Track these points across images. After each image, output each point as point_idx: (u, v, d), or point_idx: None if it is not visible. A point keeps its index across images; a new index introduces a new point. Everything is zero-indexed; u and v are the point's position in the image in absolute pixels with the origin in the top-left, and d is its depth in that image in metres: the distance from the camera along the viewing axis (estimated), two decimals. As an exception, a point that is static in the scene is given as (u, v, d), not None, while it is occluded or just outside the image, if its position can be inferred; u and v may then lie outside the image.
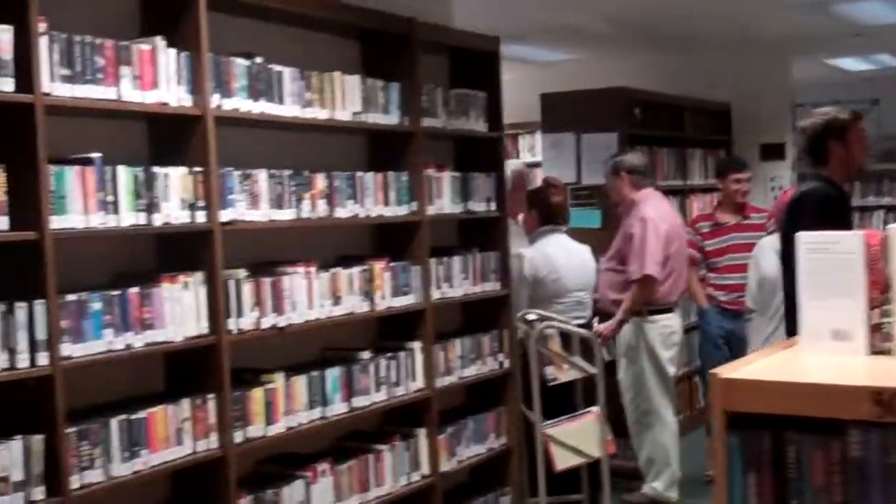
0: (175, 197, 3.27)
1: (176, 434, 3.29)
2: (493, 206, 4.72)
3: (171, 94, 3.26)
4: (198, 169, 3.35)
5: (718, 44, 7.90)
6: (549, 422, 4.70)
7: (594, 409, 4.85)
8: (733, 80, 8.15)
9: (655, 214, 5.60)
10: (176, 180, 3.28)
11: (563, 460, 4.74)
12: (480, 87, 4.65)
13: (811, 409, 2.09)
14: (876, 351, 2.34)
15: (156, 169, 3.23)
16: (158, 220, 3.22)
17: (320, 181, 3.80)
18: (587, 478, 5.14)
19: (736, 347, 6.32)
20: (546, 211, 5.35)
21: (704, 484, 6.15)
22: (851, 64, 9.32)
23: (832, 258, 2.44)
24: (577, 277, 5.41)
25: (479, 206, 4.63)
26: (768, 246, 5.63)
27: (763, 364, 2.32)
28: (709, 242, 6.35)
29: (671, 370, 5.80)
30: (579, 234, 5.73)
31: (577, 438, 4.73)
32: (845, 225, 4.26)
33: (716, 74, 8.12)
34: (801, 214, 4.24)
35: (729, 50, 8.02)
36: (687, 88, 7.62)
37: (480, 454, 4.65)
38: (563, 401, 4.87)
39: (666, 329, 5.72)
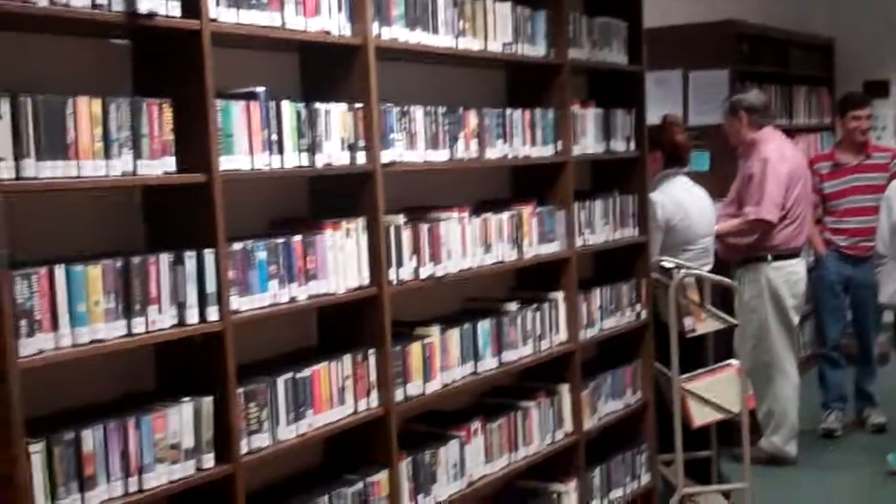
0: (335, 136, 2.99)
1: (339, 393, 3.04)
2: (632, 146, 4.40)
3: (333, 21, 2.96)
4: (358, 105, 3.05)
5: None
6: (685, 375, 4.44)
7: (734, 361, 4.60)
8: (836, 13, 7.75)
9: (777, 155, 5.30)
10: (336, 118, 2.99)
11: (702, 416, 4.50)
12: (620, 14, 4.31)
13: None
14: None
15: (318, 105, 2.94)
16: (320, 160, 2.94)
17: (472, 119, 3.49)
18: (716, 432, 4.90)
19: (855, 294, 6.04)
20: (671, 151, 5.02)
21: (819, 437, 5.91)
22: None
23: None
24: (704, 223, 5.10)
25: (619, 146, 4.31)
26: (900, 190, 5.32)
27: None
28: (828, 184, 6.04)
29: (795, 319, 5.51)
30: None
31: (715, 393, 4.48)
32: None
33: (817, 7, 7.71)
34: None
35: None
36: (788, 21, 7.23)
37: (618, 410, 4.39)
38: (692, 354, 4.60)
39: (792, 276, 5.44)
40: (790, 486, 5.22)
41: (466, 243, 3.47)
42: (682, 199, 4.96)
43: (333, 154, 2.98)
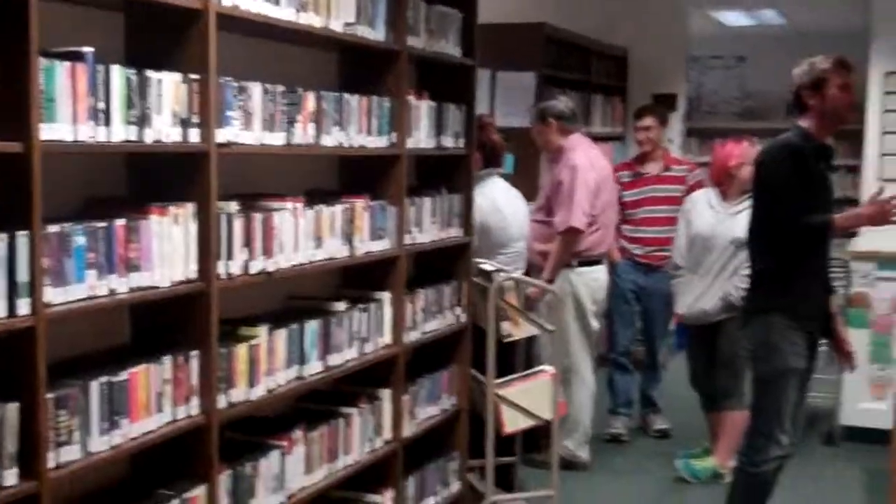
0: (167, 110, 2.64)
1: (157, 399, 2.69)
2: (461, 143, 4.24)
3: (171, -20, 2.61)
4: (194, 77, 2.71)
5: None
6: (499, 381, 4.34)
7: (548, 367, 4.53)
8: (632, 24, 7.94)
9: (585, 162, 5.30)
10: (169, 89, 2.64)
11: (514, 423, 4.41)
12: (453, 3, 4.13)
13: None
14: None
15: (149, 73, 2.58)
16: (149, 136, 2.59)
17: (311, 102, 3.21)
18: (520, 438, 4.85)
19: (646, 303, 6.16)
20: (487, 151, 4.91)
21: (606, 442, 5.99)
22: (732, 18, 9.29)
23: None
24: (519, 226, 5.04)
25: (449, 142, 4.14)
26: (702, 200, 5.45)
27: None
28: (627, 193, 6.13)
29: (595, 325, 5.55)
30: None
31: (528, 399, 4.40)
32: (820, 179, 4.08)
33: (615, 17, 7.87)
34: (764, 167, 4.06)
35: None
36: (589, 29, 7.32)
37: (435, 416, 4.21)
38: (505, 359, 4.51)
39: (594, 282, 5.46)
40: (586, 491, 5.23)
41: (299, 237, 3.19)
42: (498, 200, 4.87)
43: (164, 130, 2.63)
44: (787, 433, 4.05)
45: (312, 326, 3.32)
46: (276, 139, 3.06)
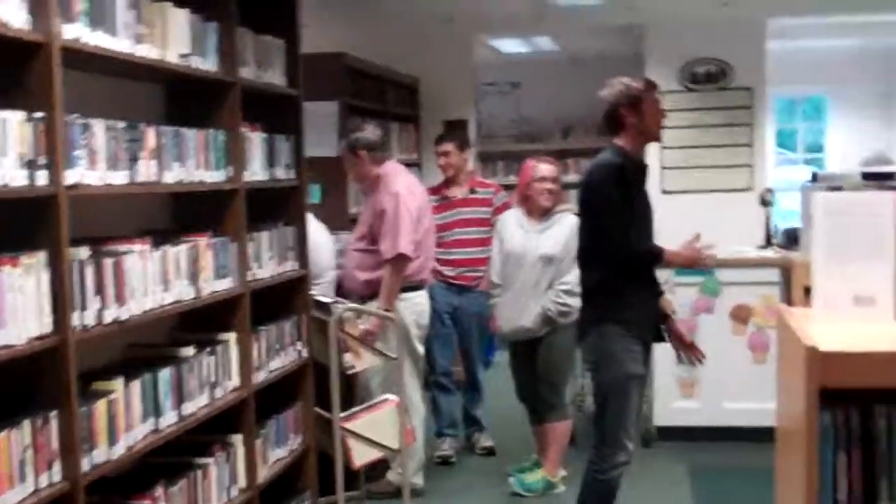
0: (12, 151, 2.42)
1: (20, 468, 2.45)
2: (292, 174, 4.13)
3: (11, 12, 2.40)
4: (38, 115, 2.51)
5: (409, 16, 7.76)
6: (343, 414, 4.26)
7: (392, 396, 4.49)
8: (420, 54, 8.05)
9: (406, 190, 5.31)
10: (13, 129, 2.43)
11: (362, 455, 4.33)
12: (276, 34, 4.03)
13: None
14: None
15: (-9, 112, 2.37)
16: (-5, 180, 2.37)
17: (152, 137, 3.04)
18: (364, 472, 4.77)
19: (462, 323, 6.23)
20: None
21: (436, 464, 5.99)
22: (509, 46, 9.59)
23: (858, 220, 2.32)
24: (330, 256, 5.00)
25: (282, 174, 4.03)
26: (511, 220, 5.58)
27: (844, 337, 2.13)
28: (437, 216, 6.16)
29: (421, 350, 5.55)
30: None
31: (375, 430, 4.34)
32: (640, 195, 4.26)
33: (405, 47, 7.96)
34: (590, 187, 4.19)
35: (416, 22, 7.90)
36: (382, 59, 7.36)
37: (284, 458, 4.07)
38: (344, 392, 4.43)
39: (418, 307, 5.46)
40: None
41: (148, 281, 3.00)
42: (311, 231, 4.80)
43: (9, 173, 2.41)
44: (632, 439, 4.17)
45: (165, 375, 3.13)
46: (120, 178, 2.88)
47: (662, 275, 6.25)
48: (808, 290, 3.71)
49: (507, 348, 5.76)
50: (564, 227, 5.24)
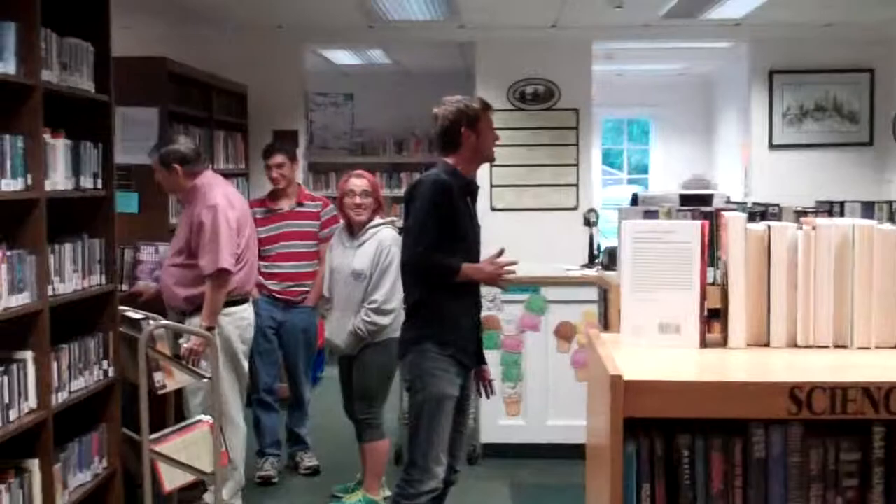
0: None
1: None
2: (100, 184, 3.92)
3: None
4: None
5: (239, 23, 7.59)
6: (154, 436, 4.08)
7: (206, 418, 4.32)
8: (249, 62, 7.89)
9: (224, 201, 5.14)
10: None
11: (173, 479, 4.16)
12: (84, 36, 3.82)
13: (723, 409, 1.95)
14: (707, 344, 2.29)
15: None
16: None
17: (-66, 141, 2.82)
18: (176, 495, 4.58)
19: (287, 338, 6.10)
20: None
21: (257, 485, 5.83)
22: (341, 57, 9.52)
23: (665, 248, 2.34)
24: None
25: (88, 183, 3.82)
26: (337, 235, 5.50)
27: (649, 365, 2.14)
28: (262, 229, 6.01)
29: (245, 365, 5.39)
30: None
31: (188, 453, 4.17)
32: (465, 214, 4.25)
33: (233, 55, 7.78)
34: (414, 201, 4.16)
35: (247, 31, 7.74)
36: (209, 66, 7.16)
37: (87, 483, 3.85)
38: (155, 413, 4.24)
39: (242, 321, 5.31)
40: (244, 541, 5.05)
41: (-71, 296, 2.78)
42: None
43: None
44: (443, 465, 4.10)
45: (-52, 398, 2.90)
46: None
47: (489, 292, 6.35)
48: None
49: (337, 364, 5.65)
50: (374, 242, 5.18)
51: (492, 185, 8.10)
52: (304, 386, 6.26)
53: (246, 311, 5.32)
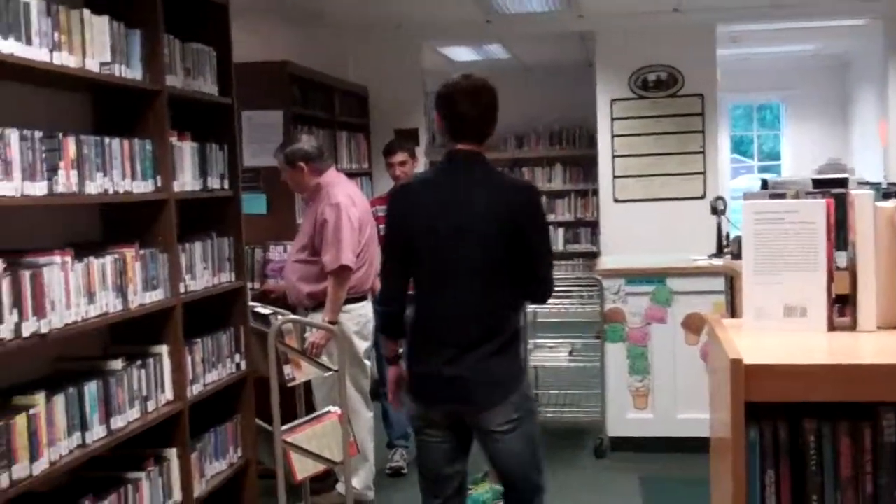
0: (-84, 160, 2.36)
1: (-72, 489, 2.38)
2: (227, 184, 4.07)
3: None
4: (-56, 124, 2.45)
5: (355, 24, 7.72)
6: (286, 427, 4.19)
7: (334, 408, 4.41)
8: (369, 63, 8.02)
9: (347, 200, 5.25)
10: (-83, 137, 2.37)
11: (304, 469, 4.25)
12: (206, 41, 3.97)
13: (852, 392, 1.89)
14: (835, 327, 2.21)
15: None
16: None
17: (72, 147, 2.98)
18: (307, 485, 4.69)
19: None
20: None
21: (387, 476, 5.93)
22: (461, 54, 9.57)
23: (788, 228, 2.27)
24: None
25: (216, 184, 3.96)
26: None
27: (773, 349, 2.09)
28: (383, 227, 6.10)
29: (367, 361, 5.49)
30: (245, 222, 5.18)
31: (318, 443, 4.26)
32: None
33: (353, 56, 7.92)
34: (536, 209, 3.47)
35: (366, 31, 7.86)
36: (329, 68, 7.32)
37: (223, 471, 4.00)
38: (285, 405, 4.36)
39: (362, 318, 5.40)
40: (374, 530, 5.14)
41: (70, 293, 2.93)
42: None
43: (-87, 184, 2.35)
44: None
45: (91, 389, 3.06)
46: (38, 189, 2.81)
47: (613, 284, 6.30)
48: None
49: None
50: None
51: (614, 176, 8.03)
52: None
53: (365, 308, 5.42)
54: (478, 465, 5.69)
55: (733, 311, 5.65)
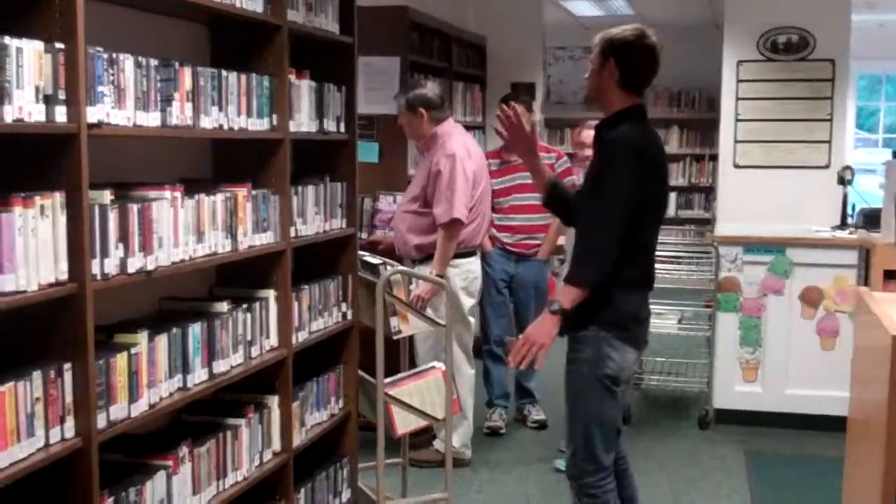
0: (29, 83, 2.26)
1: (28, 421, 2.31)
2: (343, 127, 3.93)
3: (33, -70, 2.23)
4: (59, 46, 2.33)
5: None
6: (388, 380, 4.07)
7: (439, 364, 4.29)
8: (490, 13, 7.80)
9: (464, 152, 5.09)
10: (31, 59, 2.26)
11: (406, 424, 4.14)
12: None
13: None
14: None
15: (6, 39, 2.20)
16: (9, 114, 2.21)
17: (188, 78, 2.86)
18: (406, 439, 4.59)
19: (519, 291, 6.02)
20: None
21: (485, 435, 5.81)
22: (583, 8, 9.28)
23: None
24: None
25: (331, 126, 3.83)
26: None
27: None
28: (495, 181, 5.94)
29: (471, 318, 5.35)
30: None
31: (420, 398, 4.15)
32: None
33: (474, 6, 7.72)
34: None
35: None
36: (448, 16, 7.12)
37: (324, 422, 3.91)
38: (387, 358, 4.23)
39: (469, 274, 5.27)
40: (472, 488, 5.04)
41: (179, 230, 2.83)
42: None
43: (26, 107, 2.25)
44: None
45: (195, 331, 2.97)
46: (151, 119, 2.70)
47: (731, 252, 6.04)
48: (889, 274, 3.43)
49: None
50: None
51: (736, 141, 7.67)
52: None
53: (473, 264, 5.28)
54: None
55: (867, 283, 5.36)
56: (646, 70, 3.39)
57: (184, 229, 2.86)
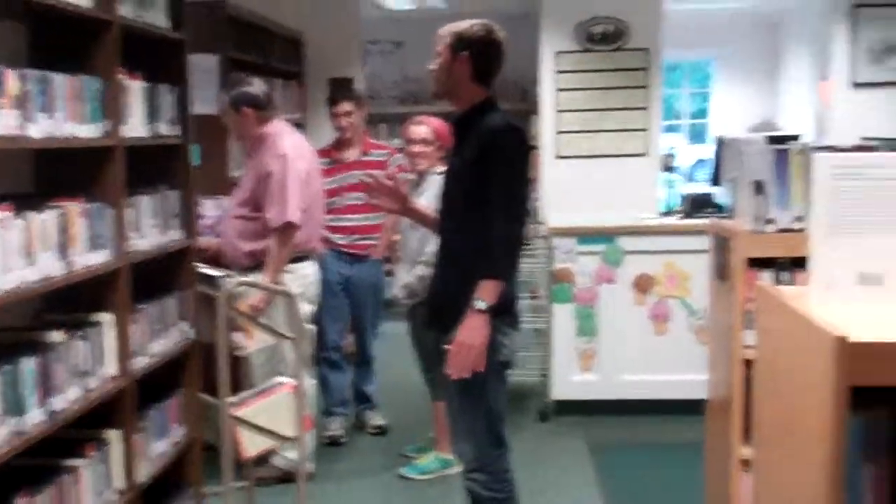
0: None
1: None
2: (177, 130, 3.63)
3: None
4: None
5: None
6: (232, 399, 3.81)
7: (287, 380, 4.05)
8: (304, 7, 7.56)
9: (295, 152, 4.86)
10: None
11: (254, 445, 3.89)
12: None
13: None
14: None
15: None
16: None
17: (13, 82, 2.52)
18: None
19: (355, 294, 5.83)
20: None
21: (325, 445, 5.61)
22: (395, 2, 9.13)
23: (866, 186, 1.99)
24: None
25: (165, 130, 3.52)
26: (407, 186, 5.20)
27: (865, 324, 1.82)
28: (327, 180, 5.71)
29: (310, 325, 5.12)
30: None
31: (268, 417, 3.90)
32: None
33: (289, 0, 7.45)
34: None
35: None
36: (264, 10, 6.81)
37: (166, 452, 3.60)
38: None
39: (306, 279, 5.04)
40: (318, 501, 4.82)
41: (9, 254, 2.50)
42: None
43: None
44: None
45: (29, 366, 2.63)
46: (-27, 130, 2.36)
47: (564, 243, 6.04)
48: (752, 262, 3.43)
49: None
50: (432, 191, 4.81)
51: (558, 132, 7.72)
52: (371, 342, 6.02)
53: (309, 269, 5.05)
54: (420, 432, 5.43)
55: (723, 272, 5.43)
56: (497, 64, 3.46)
57: (15, 252, 2.52)
